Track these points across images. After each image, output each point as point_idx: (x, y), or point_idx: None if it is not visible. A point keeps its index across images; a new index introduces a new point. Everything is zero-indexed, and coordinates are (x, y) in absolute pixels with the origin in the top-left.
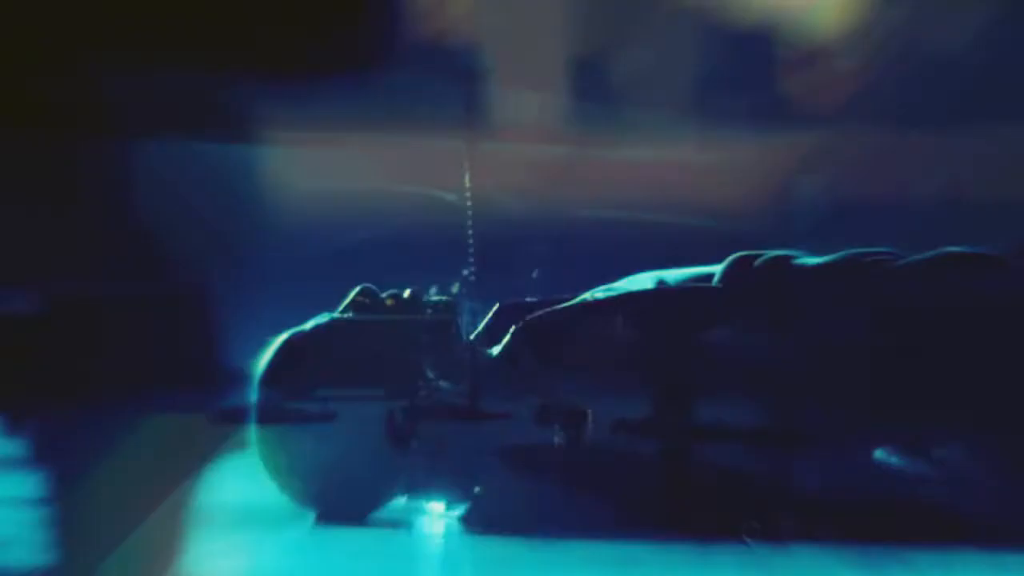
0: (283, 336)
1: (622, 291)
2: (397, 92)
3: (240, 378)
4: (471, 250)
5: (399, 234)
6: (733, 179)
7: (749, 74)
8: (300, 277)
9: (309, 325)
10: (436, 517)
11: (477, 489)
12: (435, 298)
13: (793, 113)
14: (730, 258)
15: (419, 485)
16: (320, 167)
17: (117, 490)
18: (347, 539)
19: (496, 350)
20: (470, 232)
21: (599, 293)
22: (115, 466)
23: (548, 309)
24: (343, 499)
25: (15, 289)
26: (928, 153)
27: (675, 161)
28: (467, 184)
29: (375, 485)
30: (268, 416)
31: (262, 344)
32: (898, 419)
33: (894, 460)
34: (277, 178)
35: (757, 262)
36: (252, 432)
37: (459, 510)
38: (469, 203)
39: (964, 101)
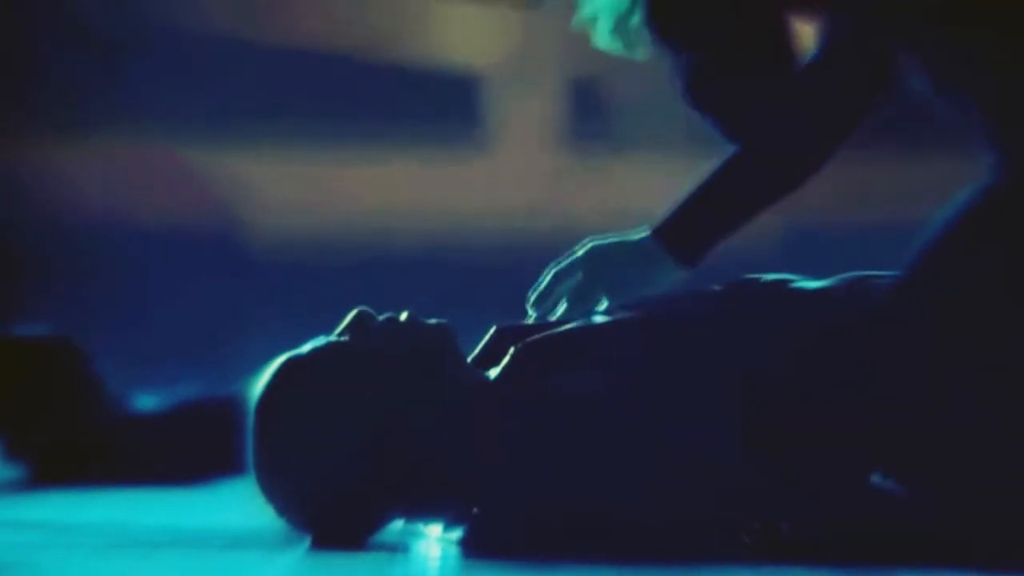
0: (280, 360)
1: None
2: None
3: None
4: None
5: (395, 254)
6: None
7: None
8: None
9: (306, 349)
10: (433, 541)
11: (475, 512)
12: (432, 321)
13: None
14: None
15: (417, 508)
16: (312, 184)
17: None
18: (342, 564)
19: (494, 373)
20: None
21: (598, 316)
22: None
23: (550, 331)
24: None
25: None
26: None
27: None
28: (463, 202)
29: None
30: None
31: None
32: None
33: (887, 484)
34: (273, 195)
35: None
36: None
37: (457, 534)
38: (465, 221)
39: None
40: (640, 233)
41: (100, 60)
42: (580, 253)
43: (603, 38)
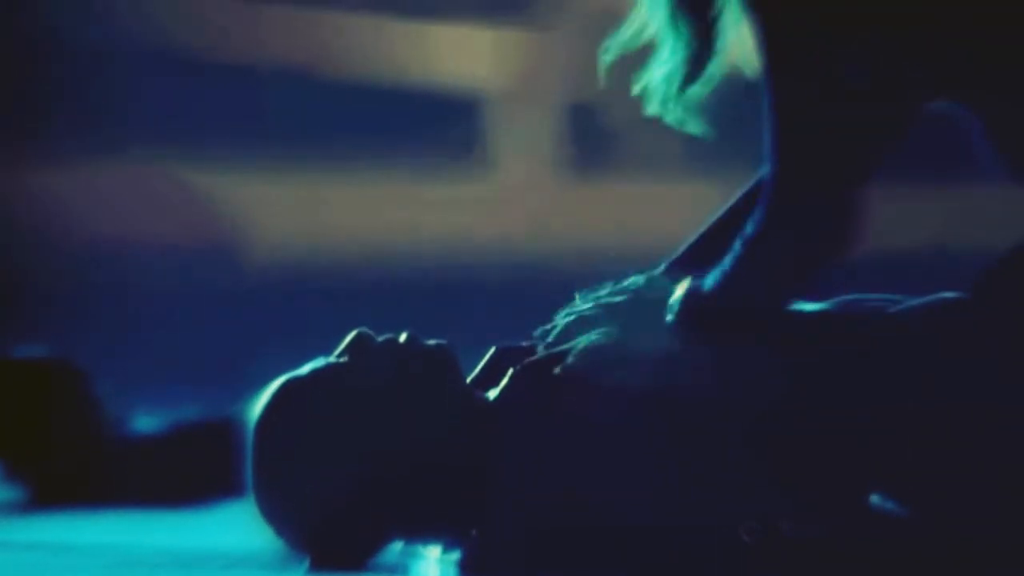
0: (279, 381)
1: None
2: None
3: None
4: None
5: (395, 275)
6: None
7: None
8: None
9: (306, 370)
10: (433, 563)
11: (474, 533)
12: (432, 341)
13: None
14: None
15: (416, 530)
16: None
17: None
18: None
19: (494, 394)
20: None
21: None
22: None
23: (552, 352)
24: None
25: None
26: None
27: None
28: (464, 220)
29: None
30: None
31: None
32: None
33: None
34: (275, 219)
35: None
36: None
37: (456, 555)
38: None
39: None
40: (659, 290)
41: (94, 81)
42: (597, 310)
43: (660, 110)
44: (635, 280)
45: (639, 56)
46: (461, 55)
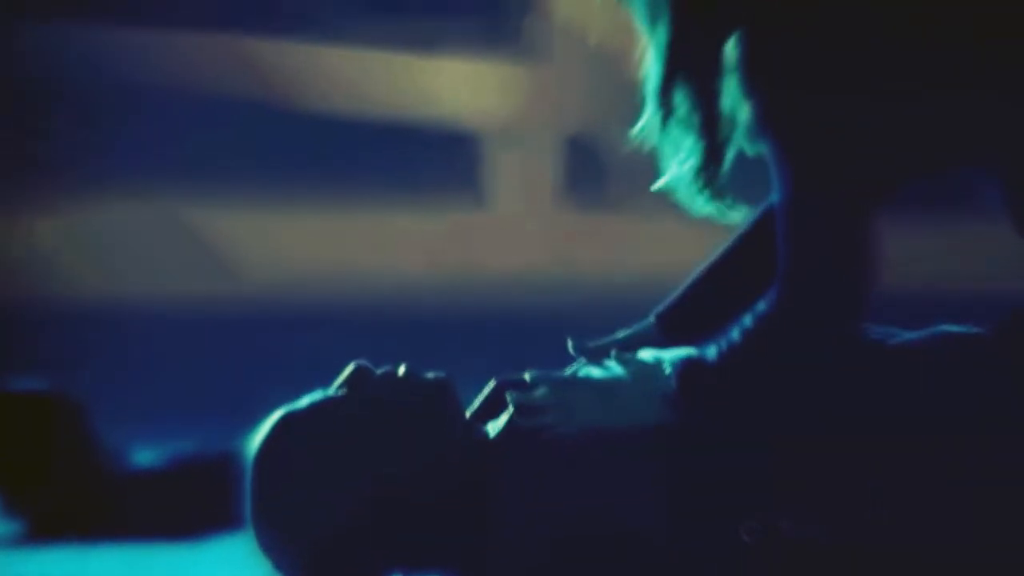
0: (277, 414)
1: None
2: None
3: None
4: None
5: (393, 309)
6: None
7: None
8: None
9: (304, 403)
10: None
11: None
12: (430, 374)
13: None
14: None
15: (414, 562)
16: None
17: None
18: None
19: (493, 427)
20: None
21: (595, 370)
22: None
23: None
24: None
25: None
26: None
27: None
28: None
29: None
30: None
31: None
32: None
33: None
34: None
35: None
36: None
37: None
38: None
39: None
40: (647, 367)
41: (95, 116)
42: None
43: (691, 204)
44: (619, 357)
45: (636, 89)
46: (460, 89)
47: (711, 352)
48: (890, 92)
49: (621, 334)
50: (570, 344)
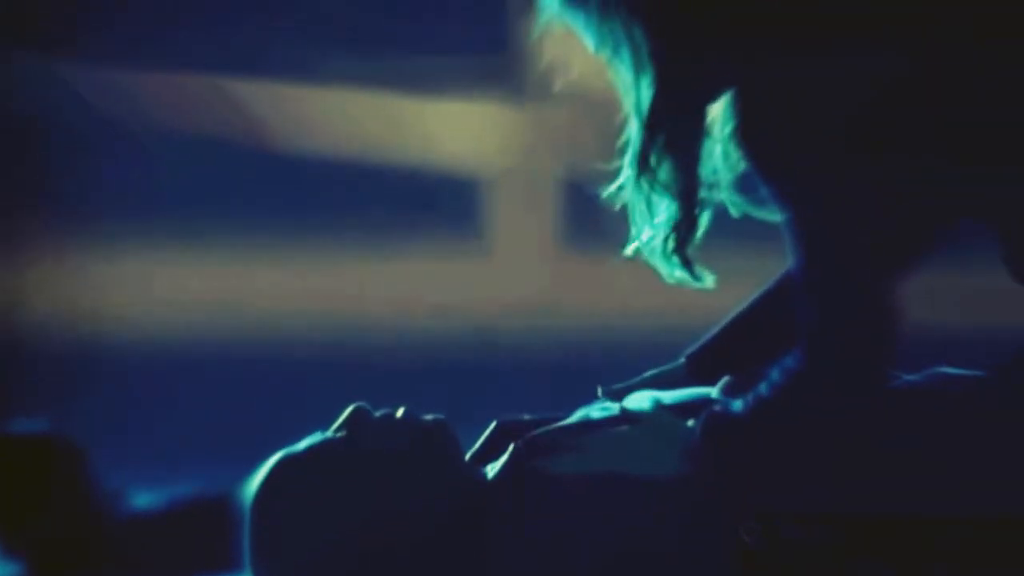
0: (276, 457)
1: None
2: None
3: None
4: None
5: (392, 351)
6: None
7: None
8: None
9: (303, 445)
10: None
11: None
12: (429, 417)
13: None
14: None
15: None
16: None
17: None
18: None
19: (494, 469)
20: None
21: (595, 411)
22: None
23: (554, 427)
24: None
25: None
26: None
27: None
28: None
29: None
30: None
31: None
32: None
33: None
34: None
35: None
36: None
37: None
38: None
39: None
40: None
41: (89, 158)
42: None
43: (662, 268)
44: (643, 399)
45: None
46: (457, 130)
47: (737, 406)
48: (891, 145)
49: (649, 374)
50: (599, 391)
